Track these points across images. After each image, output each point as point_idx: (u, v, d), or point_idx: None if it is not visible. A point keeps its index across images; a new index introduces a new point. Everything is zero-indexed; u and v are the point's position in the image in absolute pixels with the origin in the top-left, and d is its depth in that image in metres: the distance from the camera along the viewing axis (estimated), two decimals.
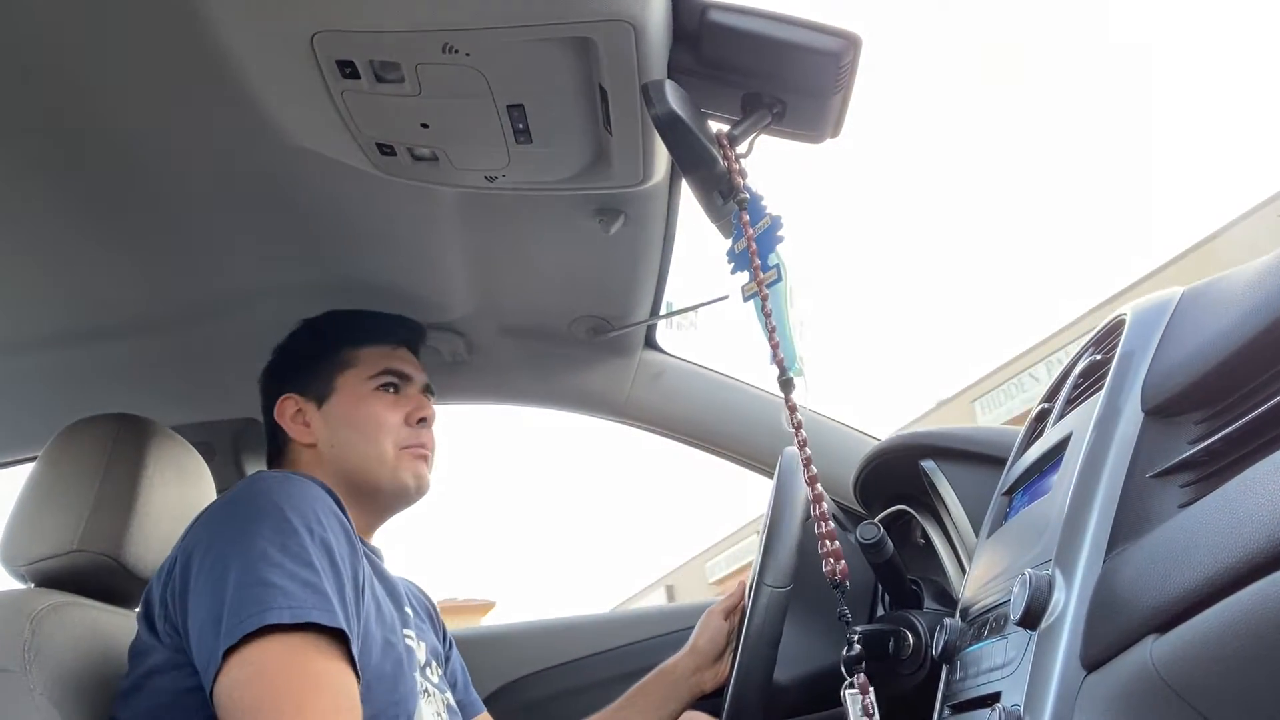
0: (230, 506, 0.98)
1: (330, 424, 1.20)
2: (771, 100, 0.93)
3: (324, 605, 0.88)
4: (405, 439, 1.20)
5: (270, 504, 0.95)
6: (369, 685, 0.94)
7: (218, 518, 0.98)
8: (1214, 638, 0.52)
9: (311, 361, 1.24)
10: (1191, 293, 0.80)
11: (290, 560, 0.90)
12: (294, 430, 1.20)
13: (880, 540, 1.09)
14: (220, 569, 0.90)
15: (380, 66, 0.88)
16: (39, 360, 1.43)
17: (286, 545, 0.91)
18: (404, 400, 1.23)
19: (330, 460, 1.18)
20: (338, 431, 1.19)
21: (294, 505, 0.96)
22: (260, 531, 0.92)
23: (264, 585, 0.87)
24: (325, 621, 0.87)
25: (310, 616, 0.86)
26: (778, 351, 0.89)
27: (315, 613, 0.87)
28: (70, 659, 0.97)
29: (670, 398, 1.75)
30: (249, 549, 0.90)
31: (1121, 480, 0.71)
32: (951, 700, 0.89)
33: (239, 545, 0.91)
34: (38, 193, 1.08)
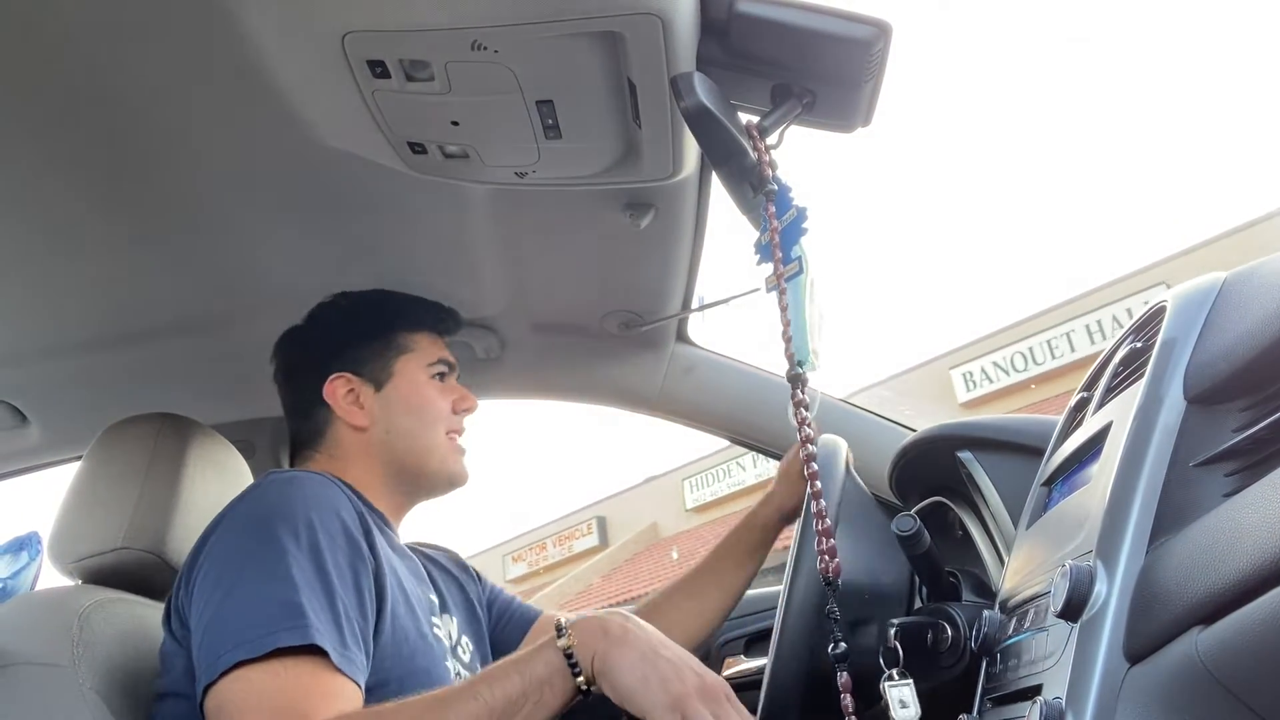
0: (229, 519, 0.98)
1: (388, 409, 1.18)
2: (801, 90, 0.92)
3: (297, 622, 0.86)
4: (453, 424, 1.22)
5: (263, 518, 0.95)
6: (401, 680, 0.95)
7: (219, 530, 0.98)
8: (1262, 629, 0.50)
9: (367, 342, 1.21)
10: (1235, 277, 0.78)
11: (273, 581, 0.88)
12: (347, 412, 1.17)
13: (917, 532, 1.08)
14: (211, 588, 0.91)
15: (410, 65, 0.89)
16: (82, 362, 1.46)
17: (274, 567, 0.89)
18: (450, 389, 1.24)
19: (381, 445, 1.17)
20: (396, 418, 1.18)
21: (286, 515, 0.94)
22: (249, 549, 0.92)
23: (238, 615, 0.87)
24: (294, 641, 0.84)
25: (279, 641, 0.84)
26: (789, 345, 0.89)
27: (284, 635, 0.84)
28: (117, 654, 0.98)
29: (703, 391, 1.75)
30: (239, 568, 0.91)
31: (1164, 470, 0.70)
32: (992, 693, 0.88)
33: (231, 562, 0.92)
34: (79, 197, 1.10)
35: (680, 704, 0.79)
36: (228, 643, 0.85)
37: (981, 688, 0.92)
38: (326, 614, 0.89)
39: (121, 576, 1.10)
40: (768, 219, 0.92)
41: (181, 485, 1.15)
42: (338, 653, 0.87)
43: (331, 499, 0.99)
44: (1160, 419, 0.72)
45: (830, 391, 1.76)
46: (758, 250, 0.96)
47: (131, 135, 1.01)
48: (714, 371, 1.73)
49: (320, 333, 1.24)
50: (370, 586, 0.97)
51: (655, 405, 1.78)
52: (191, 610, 0.93)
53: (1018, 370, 12.59)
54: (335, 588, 0.91)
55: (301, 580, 0.89)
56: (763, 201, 0.93)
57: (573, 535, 18.81)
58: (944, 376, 13.12)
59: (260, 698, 0.83)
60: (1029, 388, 12.02)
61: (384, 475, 1.17)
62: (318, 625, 0.86)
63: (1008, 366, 12.71)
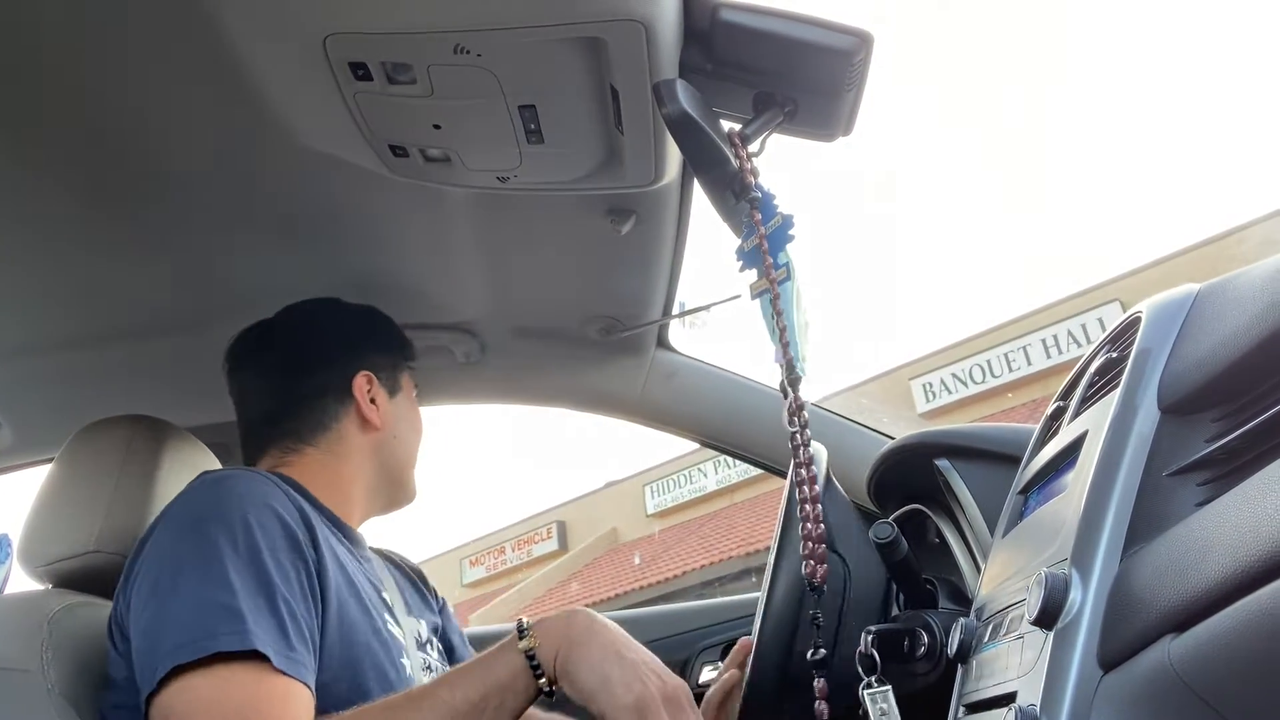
0: (161, 524, 0.96)
1: (398, 417, 1.22)
2: (784, 99, 0.93)
3: (236, 627, 0.84)
4: None
5: (197, 519, 0.93)
6: (354, 678, 0.93)
7: (153, 535, 0.96)
8: (1234, 637, 0.51)
9: (385, 349, 1.25)
10: (1208, 289, 0.79)
11: (209, 584, 0.86)
12: (367, 409, 1.17)
13: (895, 539, 1.08)
14: (150, 597, 0.89)
15: (392, 68, 0.88)
16: (55, 362, 1.44)
17: (209, 569, 0.87)
18: None
19: (384, 449, 1.20)
20: (399, 425, 1.22)
21: (222, 516, 0.92)
22: (183, 553, 0.90)
23: (175, 620, 0.85)
24: (234, 646, 0.83)
25: (219, 646, 0.82)
26: (788, 350, 0.89)
27: (223, 639, 0.83)
28: (87, 659, 0.97)
29: (683, 397, 1.75)
30: (174, 573, 0.89)
31: (1138, 479, 0.71)
32: (967, 700, 0.89)
33: (166, 567, 0.90)
34: (53, 195, 1.09)
35: (641, 706, 0.79)
36: (165, 648, 0.83)
37: (957, 695, 0.93)
38: (267, 616, 0.86)
39: (93, 580, 1.09)
40: (753, 225, 0.92)
41: (155, 488, 1.14)
42: (282, 656, 0.84)
43: (265, 495, 0.96)
44: (1135, 428, 0.73)
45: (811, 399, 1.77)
46: (740, 257, 0.96)
47: (108, 135, 1.00)
48: (694, 378, 1.74)
49: (339, 327, 1.23)
50: (313, 583, 0.95)
51: (636, 411, 1.78)
52: (129, 619, 0.91)
53: (976, 382, 12.85)
54: (277, 587, 0.89)
55: (239, 583, 0.86)
56: (745, 209, 0.94)
57: (532, 540, 18.70)
58: (904, 387, 13.30)
59: (208, 705, 0.81)
60: (1006, 396, 12.21)
61: (373, 477, 1.18)
62: (256, 630, 0.84)
63: (966, 378, 12.97)
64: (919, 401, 13.15)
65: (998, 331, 12.87)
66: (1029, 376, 12.18)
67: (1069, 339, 11.89)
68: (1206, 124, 54.64)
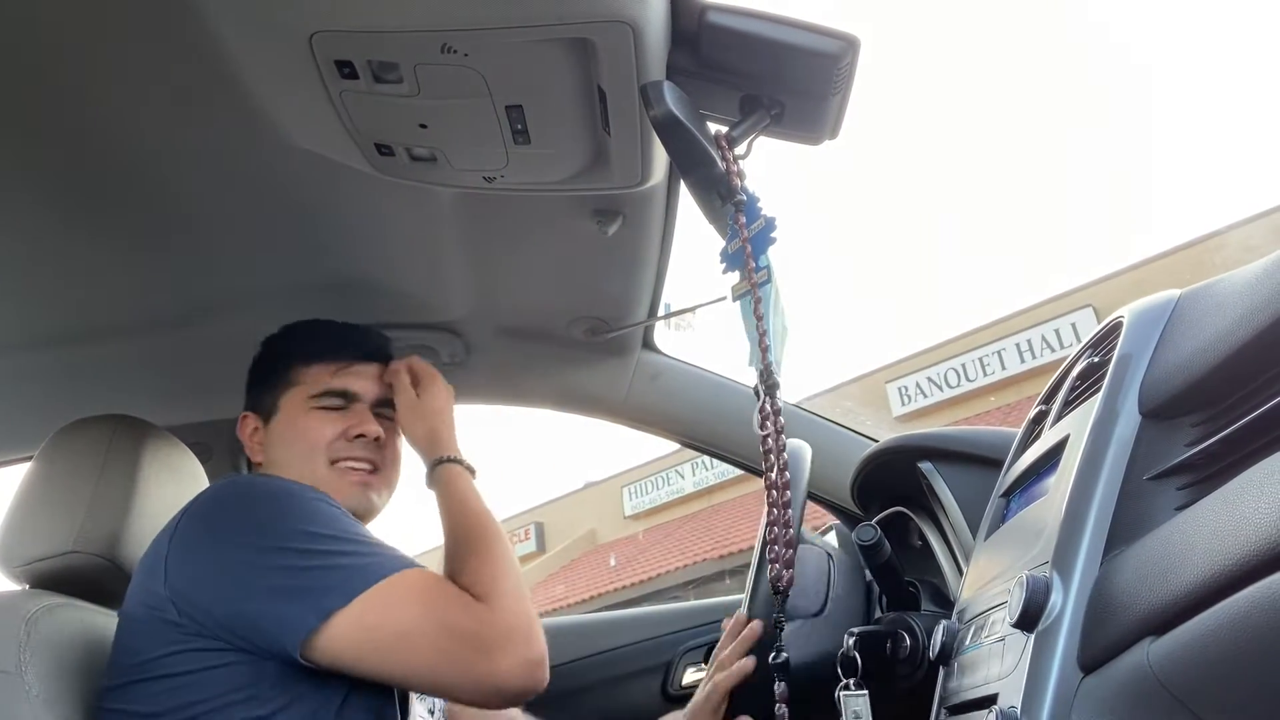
0: (239, 500, 1.01)
1: (271, 443, 1.19)
2: (770, 102, 0.93)
3: (402, 556, 0.97)
4: (338, 453, 1.16)
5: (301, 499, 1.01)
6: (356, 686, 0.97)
7: (229, 508, 1.00)
8: (1211, 640, 0.51)
9: (264, 379, 1.23)
10: (1189, 295, 0.80)
11: (350, 537, 0.97)
12: (250, 448, 1.21)
13: (878, 542, 1.09)
14: (272, 553, 0.94)
15: (379, 67, 0.88)
16: (35, 360, 1.43)
17: (341, 528, 0.98)
18: (345, 417, 1.18)
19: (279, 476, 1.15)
20: (274, 450, 1.18)
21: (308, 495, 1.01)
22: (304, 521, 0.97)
23: (348, 555, 0.95)
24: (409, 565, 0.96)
25: (408, 563, 0.96)
26: (766, 354, 0.89)
27: (401, 560, 0.97)
28: (65, 660, 0.96)
29: (668, 398, 1.75)
30: (301, 534, 0.96)
31: (1119, 483, 0.71)
32: (948, 702, 0.89)
33: (283, 531, 0.96)
34: (34, 192, 1.08)
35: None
36: (345, 588, 0.92)
37: (938, 697, 0.93)
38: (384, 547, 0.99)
39: (72, 581, 1.08)
40: (737, 228, 0.92)
41: (136, 489, 1.13)
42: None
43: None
44: (1116, 432, 0.74)
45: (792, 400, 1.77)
46: (724, 259, 0.96)
47: (92, 134, 0.99)
48: (679, 379, 1.74)
49: (249, 374, 1.27)
50: None
51: (620, 412, 1.78)
52: (225, 583, 0.94)
53: (951, 386, 12.99)
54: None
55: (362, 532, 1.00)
56: (731, 210, 0.94)
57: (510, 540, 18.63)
58: (880, 390, 13.41)
59: (417, 585, 0.95)
60: (989, 398, 12.33)
61: None
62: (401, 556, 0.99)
63: (941, 382, 13.11)
64: (894, 405, 13.29)
65: (972, 336, 13.05)
66: (1003, 380, 12.37)
67: (1043, 344, 12.09)
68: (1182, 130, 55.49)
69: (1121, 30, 59.86)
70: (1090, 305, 11.52)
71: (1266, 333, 0.61)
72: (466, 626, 0.93)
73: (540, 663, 0.94)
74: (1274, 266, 0.64)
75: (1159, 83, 62.78)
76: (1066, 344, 11.66)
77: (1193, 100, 57.35)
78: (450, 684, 0.95)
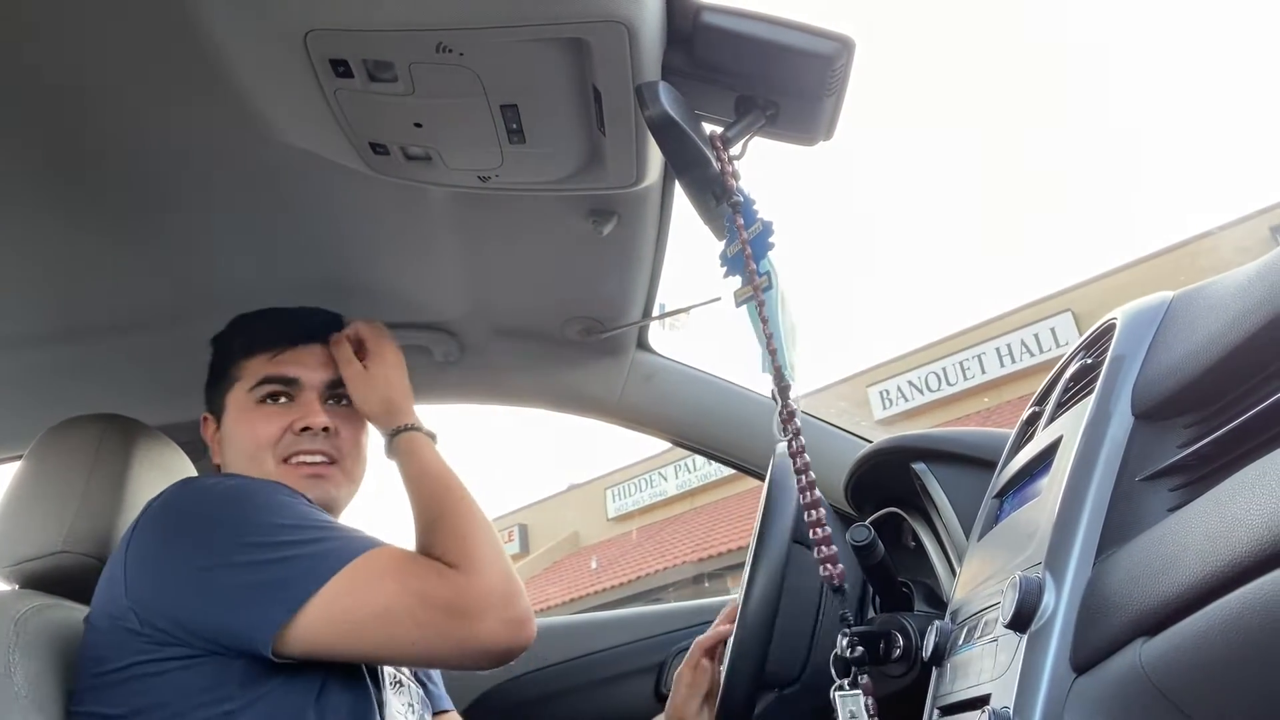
0: (192, 502, 1.00)
1: (225, 444, 1.16)
2: (765, 102, 0.93)
3: (367, 536, 0.97)
4: (288, 449, 1.11)
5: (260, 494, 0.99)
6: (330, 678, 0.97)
7: (183, 512, 0.99)
8: (1203, 641, 0.52)
9: (213, 379, 1.21)
10: (1182, 297, 0.80)
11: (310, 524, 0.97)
12: (213, 450, 1.19)
13: (871, 542, 1.09)
14: (230, 553, 0.93)
15: (374, 65, 0.88)
16: (25, 359, 1.42)
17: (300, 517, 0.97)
18: (291, 409, 1.14)
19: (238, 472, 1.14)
20: (226, 450, 1.16)
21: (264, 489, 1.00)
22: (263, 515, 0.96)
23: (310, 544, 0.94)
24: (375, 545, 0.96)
25: (375, 543, 0.96)
26: (776, 357, 0.89)
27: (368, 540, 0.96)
28: (55, 661, 0.96)
29: (662, 399, 1.75)
30: (259, 528, 0.94)
31: (1111, 484, 0.71)
32: (941, 702, 0.89)
33: (240, 529, 0.95)
34: (25, 190, 1.07)
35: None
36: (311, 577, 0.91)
37: (931, 697, 0.93)
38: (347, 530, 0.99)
39: (61, 581, 1.07)
40: (736, 231, 0.92)
41: (126, 488, 1.12)
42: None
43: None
44: (1108, 434, 0.74)
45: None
46: (724, 263, 0.96)
47: (82, 128, 0.99)
48: (674, 380, 1.74)
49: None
50: None
51: (615, 412, 1.78)
52: (184, 584, 0.93)
53: (931, 389, 13.17)
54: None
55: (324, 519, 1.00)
56: (726, 212, 0.94)
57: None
58: (861, 393, 13.49)
59: (387, 562, 0.94)
60: (982, 399, 12.44)
61: None
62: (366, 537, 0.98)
63: (922, 385, 13.29)
64: (876, 408, 13.45)
65: (954, 340, 13.27)
66: (984, 384, 12.59)
67: (1022, 348, 12.33)
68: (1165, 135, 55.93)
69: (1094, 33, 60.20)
70: (1070, 310, 11.80)
71: (1259, 335, 0.61)
72: (443, 595, 0.92)
73: (523, 620, 0.94)
74: (1266, 269, 0.64)
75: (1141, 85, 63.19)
76: (1045, 348, 11.96)
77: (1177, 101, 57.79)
78: (435, 654, 0.95)
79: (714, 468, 14.54)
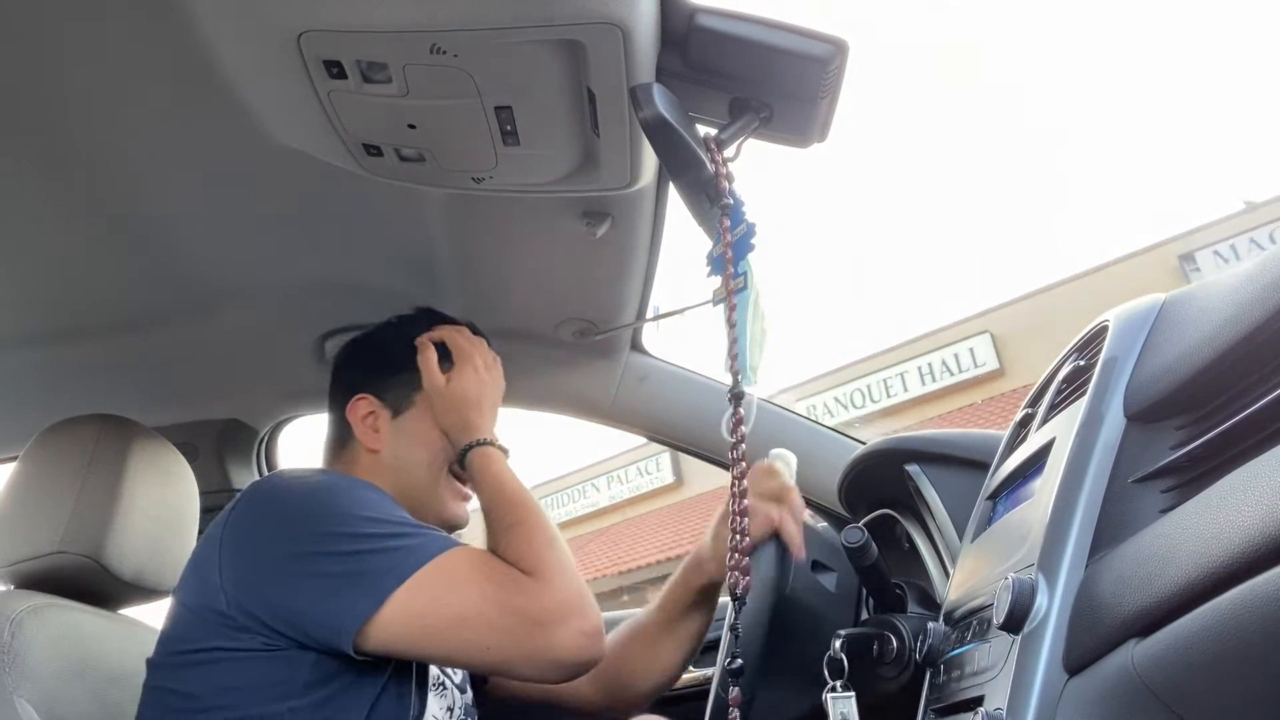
0: (286, 494, 1.02)
1: (401, 438, 1.19)
2: (759, 105, 0.93)
3: (446, 537, 0.99)
4: (450, 467, 1.20)
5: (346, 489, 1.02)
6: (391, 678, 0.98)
7: (278, 502, 1.01)
8: (1195, 642, 0.52)
9: (397, 368, 1.22)
10: (1175, 299, 0.81)
11: (394, 521, 0.98)
12: (363, 433, 1.19)
13: (865, 544, 1.09)
14: (320, 543, 0.95)
15: (367, 67, 0.88)
16: (20, 359, 1.41)
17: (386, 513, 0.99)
18: None
19: (390, 470, 1.18)
20: (398, 445, 1.19)
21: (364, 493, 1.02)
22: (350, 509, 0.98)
23: (395, 538, 0.95)
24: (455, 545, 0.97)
25: (454, 543, 0.97)
26: (735, 361, 0.89)
27: (447, 540, 0.97)
28: (51, 661, 0.96)
29: (656, 400, 1.75)
30: (347, 519, 0.96)
31: (1104, 485, 0.72)
32: (935, 704, 0.89)
33: (328, 520, 0.96)
34: (20, 191, 1.07)
35: None
36: (395, 572, 0.92)
37: (925, 699, 0.93)
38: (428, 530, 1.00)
39: (57, 582, 1.07)
40: (721, 232, 0.93)
41: (122, 489, 1.12)
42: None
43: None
44: (1101, 436, 0.74)
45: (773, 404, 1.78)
46: (709, 263, 0.97)
47: (76, 129, 0.99)
48: (667, 381, 1.74)
49: (362, 350, 1.27)
50: None
51: (608, 414, 1.78)
52: (290, 573, 0.94)
53: (856, 406, 13.48)
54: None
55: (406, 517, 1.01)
56: (719, 214, 0.94)
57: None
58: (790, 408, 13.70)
59: (467, 564, 0.95)
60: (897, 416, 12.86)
61: (397, 496, 1.16)
62: (446, 537, 1.00)
63: (848, 402, 13.59)
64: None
65: (877, 358, 13.58)
66: (907, 402, 12.98)
67: (943, 367, 12.79)
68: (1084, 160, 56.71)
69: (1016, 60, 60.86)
70: (988, 331, 12.34)
71: (1251, 337, 0.61)
72: (521, 603, 0.92)
73: (597, 633, 0.94)
74: (1257, 272, 0.64)
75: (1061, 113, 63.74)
76: (964, 368, 12.49)
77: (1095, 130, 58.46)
78: (510, 661, 0.94)
79: (646, 479, 14.71)
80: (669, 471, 14.49)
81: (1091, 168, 54.31)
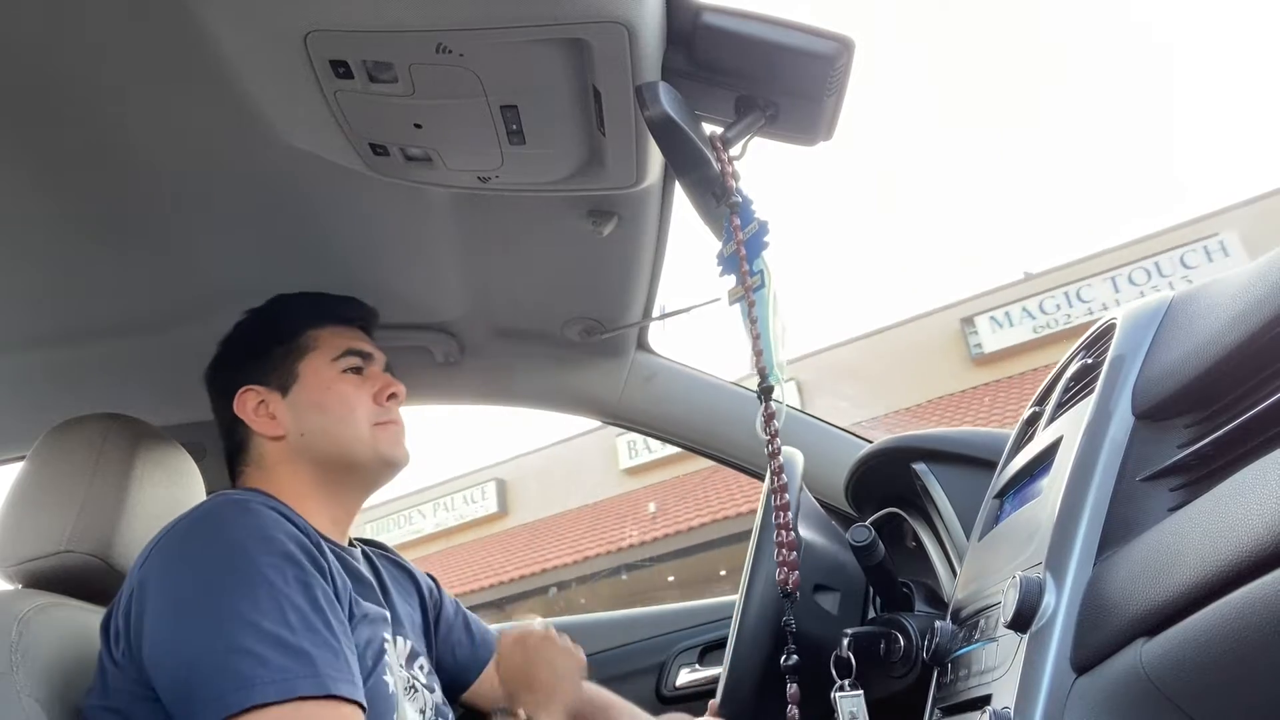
0: (190, 544, 0.94)
1: (298, 412, 1.15)
2: (765, 103, 0.93)
3: (309, 671, 0.85)
4: (378, 416, 1.17)
5: (234, 546, 0.91)
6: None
7: (177, 555, 0.93)
8: (1203, 641, 0.52)
9: (269, 349, 1.19)
10: (1183, 297, 0.80)
11: (267, 620, 0.86)
12: (259, 424, 1.15)
13: (872, 543, 1.09)
14: (189, 621, 0.87)
15: (374, 66, 0.88)
16: (28, 359, 1.42)
17: (259, 602, 0.87)
18: (370, 380, 1.19)
19: (302, 449, 1.14)
20: (307, 418, 1.14)
21: (260, 543, 0.92)
22: (227, 585, 0.88)
23: (243, 654, 0.84)
24: (312, 691, 0.84)
25: (298, 690, 0.83)
26: (760, 358, 0.89)
27: (302, 683, 0.84)
28: (58, 660, 0.96)
29: (662, 400, 1.75)
30: (219, 606, 0.87)
31: (1112, 484, 0.71)
32: (942, 703, 0.89)
33: (208, 599, 0.88)
34: (28, 191, 1.07)
35: None
36: (234, 684, 0.83)
37: (932, 698, 0.93)
38: (330, 653, 0.88)
39: (64, 581, 1.07)
40: (732, 231, 0.93)
41: (129, 488, 1.12)
42: (349, 686, 0.88)
43: (286, 523, 0.97)
44: (1109, 434, 0.74)
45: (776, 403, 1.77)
46: (720, 262, 0.97)
47: (82, 129, 0.99)
48: (674, 380, 1.74)
49: (227, 351, 1.23)
50: (340, 604, 0.97)
51: (615, 413, 1.78)
52: (148, 638, 0.89)
53: (410, 523, 13.85)
54: (331, 623, 0.91)
55: (299, 622, 0.88)
56: (726, 212, 0.94)
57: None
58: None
59: None
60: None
61: (313, 481, 1.14)
62: (329, 671, 0.87)
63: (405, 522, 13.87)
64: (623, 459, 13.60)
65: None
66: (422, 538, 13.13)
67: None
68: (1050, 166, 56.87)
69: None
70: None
71: (1259, 335, 0.61)
72: None
73: None
74: (1267, 269, 0.64)
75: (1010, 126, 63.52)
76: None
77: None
78: None
79: (472, 508, 14.38)
80: (494, 502, 14.22)
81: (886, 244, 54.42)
